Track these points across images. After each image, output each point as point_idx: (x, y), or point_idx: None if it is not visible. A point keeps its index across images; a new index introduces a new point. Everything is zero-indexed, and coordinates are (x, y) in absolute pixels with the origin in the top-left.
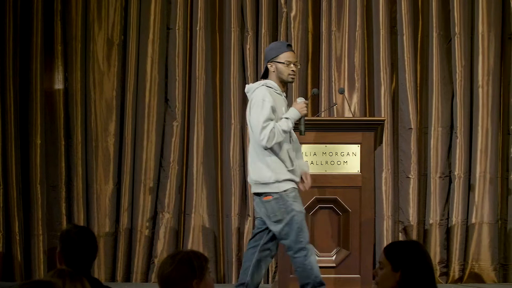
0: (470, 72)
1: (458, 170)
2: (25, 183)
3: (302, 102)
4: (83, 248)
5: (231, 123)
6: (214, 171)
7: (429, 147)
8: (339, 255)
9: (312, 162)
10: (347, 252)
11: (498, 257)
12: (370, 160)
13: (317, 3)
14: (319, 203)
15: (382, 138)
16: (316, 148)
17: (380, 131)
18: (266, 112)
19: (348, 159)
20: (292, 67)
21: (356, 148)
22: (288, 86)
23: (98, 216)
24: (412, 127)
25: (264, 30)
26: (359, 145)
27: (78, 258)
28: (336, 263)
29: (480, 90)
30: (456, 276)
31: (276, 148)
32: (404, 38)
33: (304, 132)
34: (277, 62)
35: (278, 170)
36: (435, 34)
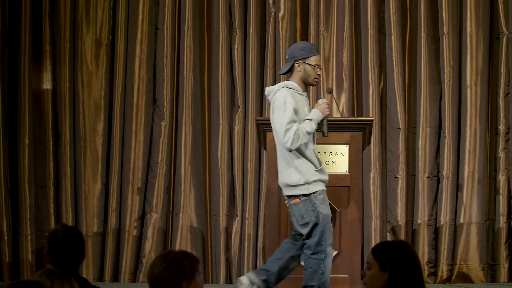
0: (459, 72)
1: (446, 170)
2: (13, 183)
3: (325, 103)
4: (69, 248)
5: (219, 123)
6: (202, 171)
7: (417, 147)
8: None
9: None
10: (335, 252)
11: (486, 257)
12: (358, 160)
13: (305, 3)
14: None
15: (371, 138)
16: None
17: (369, 131)
18: (289, 114)
19: (337, 159)
20: (318, 71)
21: (344, 148)
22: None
23: (86, 216)
24: (400, 127)
25: (252, 30)
26: (348, 145)
27: (64, 258)
28: None
29: (468, 90)
30: (444, 276)
31: (302, 149)
32: (392, 38)
33: (327, 133)
34: (306, 63)
35: (306, 172)
36: (423, 34)
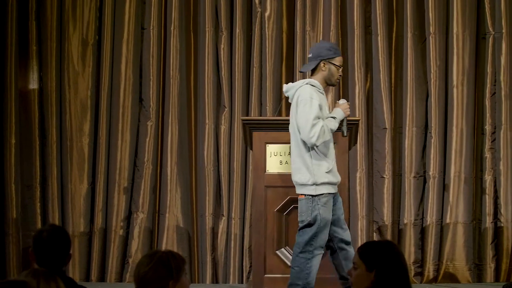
0: (445, 72)
1: (433, 170)
2: None
3: (346, 103)
4: (55, 247)
5: (205, 123)
6: (188, 171)
7: (403, 147)
8: None
9: (287, 162)
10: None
11: (473, 257)
12: (344, 160)
13: (291, 3)
14: (293, 203)
15: (357, 138)
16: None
17: (355, 131)
18: (315, 110)
19: None
20: (340, 72)
21: None
22: (263, 85)
23: (72, 216)
24: (387, 127)
25: (238, 30)
26: (334, 145)
27: (50, 257)
28: None
29: (454, 90)
30: (431, 276)
31: (321, 148)
32: (379, 38)
33: (346, 133)
34: (332, 63)
35: (317, 173)
36: (409, 34)
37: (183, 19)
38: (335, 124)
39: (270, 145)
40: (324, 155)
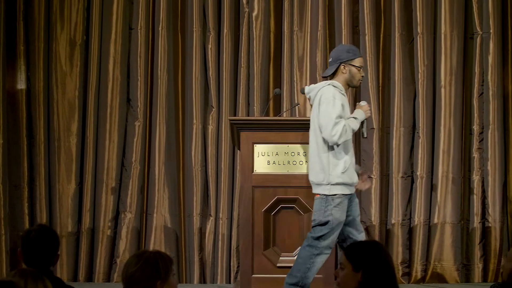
0: (433, 72)
1: (420, 170)
2: None
3: (366, 105)
4: (43, 247)
5: (192, 123)
6: (176, 171)
7: (391, 147)
8: None
9: (274, 162)
10: None
11: (461, 257)
12: None
13: (279, 3)
14: (281, 203)
15: None
16: (278, 148)
17: None
18: (338, 109)
19: None
20: (362, 73)
21: None
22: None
23: (60, 216)
24: (374, 127)
25: (226, 30)
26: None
27: (38, 257)
28: None
29: (442, 90)
30: (419, 276)
31: (341, 148)
32: (366, 38)
33: (366, 134)
34: (352, 65)
35: (331, 172)
36: (397, 34)
37: (170, 19)
38: (356, 125)
39: (257, 145)
40: (341, 155)
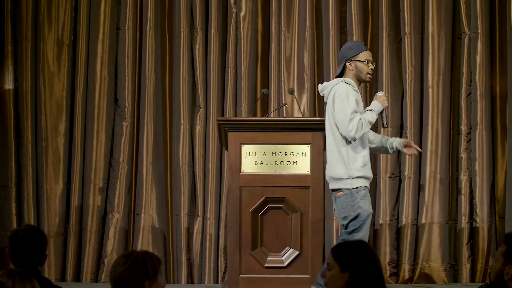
0: (420, 72)
1: (408, 170)
2: None
3: (383, 95)
4: (31, 247)
5: (180, 123)
6: (164, 171)
7: None
8: (288, 255)
9: (262, 162)
10: (297, 252)
11: (449, 257)
12: (319, 161)
13: (266, 3)
14: (268, 203)
15: None
16: (265, 148)
17: None
18: (352, 104)
19: (298, 159)
20: (371, 66)
21: (306, 148)
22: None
23: (48, 216)
24: None
25: (213, 30)
26: (309, 145)
27: (25, 257)
28: (286, 263)
29: (430, 90)
30: (406, 276)
31: (358, 142)
32: (354, 38)
33: (386, 124)
34: (356, 60)
35: (352, 166)
36: (385, 34)
37: (158, 20)
38: (373, 116)
39: (245, 145)
40: (359, 149)
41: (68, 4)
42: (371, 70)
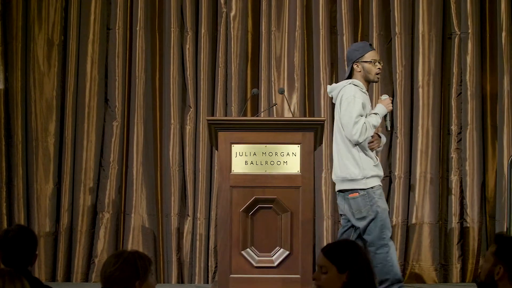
0: (411, 72)
1: (398, 170)
2: None
3: (388, 99)
4: (21, 247)
5: (170, 123)
6: (154, 171)
7: None
8: (279, 255)
9: (252, 162)
10: (287, 252)
11: (439, 257)
12: (310, 160)
13: (256, 3)
14: (258, 203)
15: (322, 138)
16: (255, 148)
17: (320, 131)
18: (358, 107)
19: (288, 159)
20: (378, 66)
21: (296, 148)
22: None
23: (38, 216)
24: None
25: (203, 30)
26: (299, 145)
27: (16, 257)
28: (276, 263)
29: (420, 90)
30: None
31: (364, 144)
32: (344, 38)
33: (390, 127)
34: (363, 62)
35: (365, 166)
36: (375, 34)
37: (148, 19)
38: (377, 120)
39: (235, 145)
40: (367, 151)
41: (58, 4)
42: (379, 69)
